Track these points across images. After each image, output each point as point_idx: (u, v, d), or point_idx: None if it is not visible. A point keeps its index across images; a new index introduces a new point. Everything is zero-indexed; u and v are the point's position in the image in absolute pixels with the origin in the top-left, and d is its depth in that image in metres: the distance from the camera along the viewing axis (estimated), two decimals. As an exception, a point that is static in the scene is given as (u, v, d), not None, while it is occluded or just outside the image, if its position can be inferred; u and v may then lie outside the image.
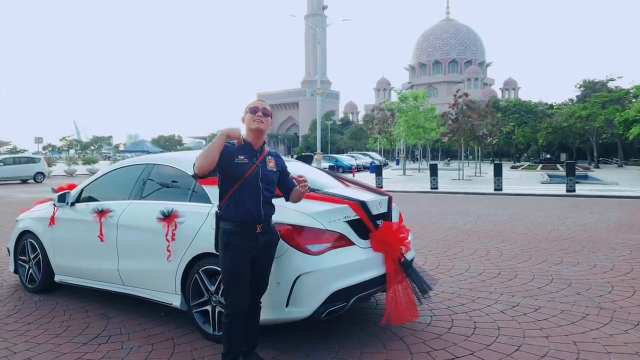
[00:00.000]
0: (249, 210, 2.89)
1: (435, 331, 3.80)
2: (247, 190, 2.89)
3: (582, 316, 4.02)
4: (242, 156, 2.90)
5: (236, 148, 2.91)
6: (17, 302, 4.82)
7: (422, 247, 7.00)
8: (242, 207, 2.88)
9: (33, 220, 5.18)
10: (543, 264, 5.84)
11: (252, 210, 2.90)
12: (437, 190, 18.13)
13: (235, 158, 2.87)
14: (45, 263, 4.98)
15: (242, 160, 2.89)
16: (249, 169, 2.90)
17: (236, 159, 2.87)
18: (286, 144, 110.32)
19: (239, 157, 2.88)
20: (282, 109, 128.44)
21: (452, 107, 27.62)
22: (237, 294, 2.92)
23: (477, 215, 10.49)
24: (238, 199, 2.89)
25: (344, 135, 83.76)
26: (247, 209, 2.88)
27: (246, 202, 2.89)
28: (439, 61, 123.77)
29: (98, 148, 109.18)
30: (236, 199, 2.89)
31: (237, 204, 2.89)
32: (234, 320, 2.95)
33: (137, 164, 4.65)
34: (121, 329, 4.02)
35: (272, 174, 3.04)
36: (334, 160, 38.69)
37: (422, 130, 32.29)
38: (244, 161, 2.89)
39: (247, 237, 2.90)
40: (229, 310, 2.96)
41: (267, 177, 3.00)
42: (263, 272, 3.08)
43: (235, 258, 2.89)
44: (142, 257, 4.12)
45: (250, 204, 2.89)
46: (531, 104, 60.34)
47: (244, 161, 2.89)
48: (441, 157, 71.17)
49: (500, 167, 17.98)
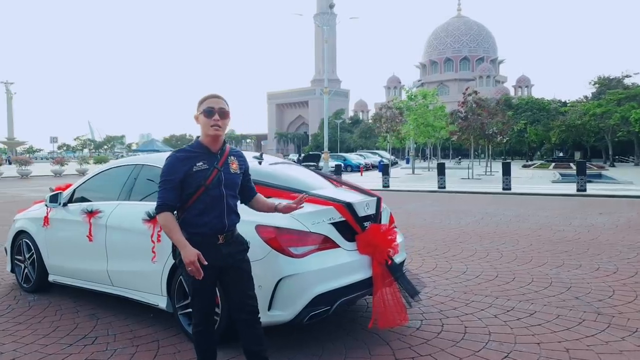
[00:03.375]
0: (211, 220, 2.60)
1: (424, 336, 3.72)
2: (208, 199, 2.59)
3: (578, 322, 3.91)
4: (201, 162, 2.60)
5: (193, 154, 2.61)
6: (12, 302, 4.84)
7: (420, 249, 6.91)
8: (204, 217, 2.59)
9: (28, 221, 5.19)
10: (543, 267, 5.72)
11: (214, 221, 2.61)
12: (444, 190, 17.95)
13: (193, 166, 2.58)
14: (40, 263, 4.99)
15: (201, 167, 2.59)
16: (210, 175, 2.59)
17: (194, 166, 2.58)
18: (296, 143, 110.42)
19: (197, 164, 2.58)
20: (292, 108, 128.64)
21: (462, 105, 27.37)
22: (201, 307, 2.70)
23: (481, 216, 10.35)
24: (199, 208, 2.59)
25: (354, 134, 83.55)
26: (209, 219, 2.60)
27: (208, 211, 2.59)
28: (450, 59, 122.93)
29: (111, 147, 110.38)
30: (197, 208, 2.59)
31: (198, 214, 2.59)
32: (201, 332, 2.74)
33: (126, 164, 4.63)
34: (109, 330, 4.00)
35: (236, 177, 2.73)
36: (342, 159, 38.59)
37: (431, 128, 32.06)
38: (203, 167, 2.59)
39: (208, 249, 2.56)
40: (195, 321, 2.76)
41: (231, 181, 2.69)
42: (237, 287, 2.71)
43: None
44: (130, 258, 4.10)
45: (212, 213, 2.60)
46: (544, 102, 59.64)
47: (203, 167, 2.59)
48: (452, 155, 70.68)
49: (508, 166, 17.74)
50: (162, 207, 2.56)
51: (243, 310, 2.72)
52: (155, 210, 2.57)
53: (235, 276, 2.72)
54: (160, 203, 2.57)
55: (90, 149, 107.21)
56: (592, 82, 53.60)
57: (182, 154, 2.63)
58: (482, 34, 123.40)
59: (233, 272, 2.71)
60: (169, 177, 2.58)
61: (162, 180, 2.59)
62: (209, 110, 2.60)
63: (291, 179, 4.11)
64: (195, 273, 2.49)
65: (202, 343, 2.76)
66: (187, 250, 2.48)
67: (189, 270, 2.50)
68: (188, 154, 2.62)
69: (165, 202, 2.56)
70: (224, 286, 2.76)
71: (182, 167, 2.57)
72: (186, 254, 2.47)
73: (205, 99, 2.66)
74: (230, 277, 2.72)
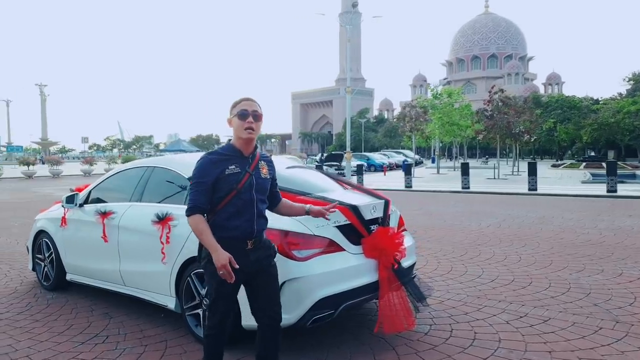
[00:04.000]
0: (241, 224, 2.58)
1: (432, 342, 3.65)
2: (239, 203, 2.57)
3: (594, 330, 3.78)
4: (233, 165, 2.57)
5: (225, 157, 2.59)
6: (32, 299, 4.97)
7: (437, 251, 6.81)
8: (234, 221, 2.57)
9: (47, 221, 5.33)
10: (562, 271, 5.55)
11: (244, 225, 2.58)
12: (468, 190, 17.68)
13: (225, 169, 2.56)
14: (58, 262, 5.11)
15: (233, 170, 2.56)
16: (242, 178, 2.57)
17: (227, 169, 2.55)
18: (320, 143, 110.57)
19: (229, 167, 2.56)
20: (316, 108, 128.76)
21: (487, 103, 26.90)
22: (220, 312, 2.65)
23: (503, 218, 10.13)
24: (229, 211, 2.57)
25: (378, 133, 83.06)
26: (239, 223, 2.57)
27: (238, 215, 2.57)
28: (477, 56, 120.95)
29: (139, 147, 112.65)
30: (227, 212, 2.57)
31: (228, 217, 2.57)
32: (214, 335, 2.69)
33: (139, 166, 4.70)
34: (120, 329, 4.07)
35: (266, 182, 2.71)
36: (365, 158, 38.43)
37: (456, 127, 31.62)
38: (235, 170, 2.57)
39: (236, 254, 2.51)
40: (209, 324, 2.71)
41: (261, 186, 2.68)
42: (263, 292, 2.69)
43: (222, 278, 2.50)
44: (140, 259, 4.16)
45: (243, 217, 2.58)
46: (575, 99, 58.06)
47: (235, 170, 2.57)
48: (479, 155, 69.53)
49: (534, 166, 17.34)
50: (193, 210, 2.52)
51: (266, 315, 2.70)
52: (186, 212, 2.53)
53: (262, 281, 2.69)
54: (191, 205, 2.53)
55: (119, 149, 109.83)
56: (626, 78, 52.01)
57: (214, 156, 2.60)
58: (510, 30, 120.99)
59: (260, 277, 2.68)
60: (200, 179, 2.54)
61: (194, 182, 2.56)
62: (243, 113, 2.59)
63: (298, 181, 4.10)
64: (227, 277, 2.44)
65: (213, 347, 2.73)
66: (220, 254, 2.43)
67: (220, 273, 2.44)
68: (220, 157, 2.59)
69: (196, 205, 2.52)
70: (250, 290, 2.73)
71: (214, 169, 2.54)
72: (218, 258, 2.43)
73: (239, 102, 2.65)
74: (257, 282, 2.68)
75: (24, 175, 31.28)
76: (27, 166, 31.66)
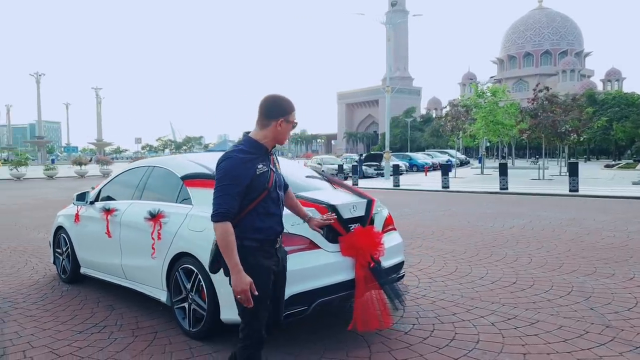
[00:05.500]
0: (273, 224, 2.46)
1: (409, 340, 3.66)
2: (269, 202, 2.44)
3: (579, 334, 3.66)
4: (261, 164, 2.40)
5: (253, 156, 2.39)
6: (48, 290, 5.33)
7: (448, 252, 6.73)
8: (267, 221, 2.43)
9: (65, 217, 5.70)
10: (570, 274, 5.36)
11: (276, 225, 2.48)
12: (506, 191, 17.16)
13: (256, 168, 2.37)
14: (73, 256, 5.46)
15: (262, 169, 2.39)
16: (270, 177, 2.43)
17: (257, 169, 2.37)
18: (365, 143, 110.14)
19: (258, 167, 2.38)
20: (362, 107, 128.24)
21: (532, 101, 25.96)
22: (256, 322, 2.42)
23: (530, 219, 9.81)
24: (261, 212, 2.41)
25: (425, 132, 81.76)
26: (272, 223, 2.45)
27: (270, 215, 2.45)
28: (530, 53, 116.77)
29: (190, 147, 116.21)
30: (259, 212, 2.40)
31: (261, 218, 2.41)
32: (249, 347, 2.44)
33: (142, 166, 4.95)
34: (118, 320, 4.31)
35: (281, 177, 2.60)
36: (408, 158, 38.01)
37: (500, 126, 30.66)
38: (264, 169, 2.40)
39: (269, 254, 2.46)
40: (244, 335, 2.44)
41: (281, 182, 2.57)
42: (279, 291, 2.64)
43: (265, 280, 2.40)
44: (138, 254, 4.39)
45: (274, 217, 2.47)
46: (633, 96, 54.92)
47: (264, 169, 2.40)
48: (530, 154, 67.07)
49: (575, 166, 16.59)
50: (224, 216, 2.27)
51: (280, 312, 2.65)
52: (215, 217, 2.27)
53: (278, 280, 2.59)
54: (221, 211, 2.27)
55: (171, 149, 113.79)
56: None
57: (244, 155, 2.36)
58: (565, 25, 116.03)
59: (277, 276, 2.56)
60: (234, 181, 2.29)
61: (225, 184, 2.29)
62: (294, 124, 2.48)
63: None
64: (245, 302, 2.26)
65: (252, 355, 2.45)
66: (242, 278, 2.24)
67: (237, 298, 2.28)
68: (250, 156, 2.38)
69: (228, 211, 2.27)
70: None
71: (247, 170, 2.33)
72: (238, 282, 2.24)
73: (292, 109, 2.46)
74: (277, 283, 2.59)
75: (76, 174, 33.10)
76: (79, 166, 33.44)
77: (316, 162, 30.41)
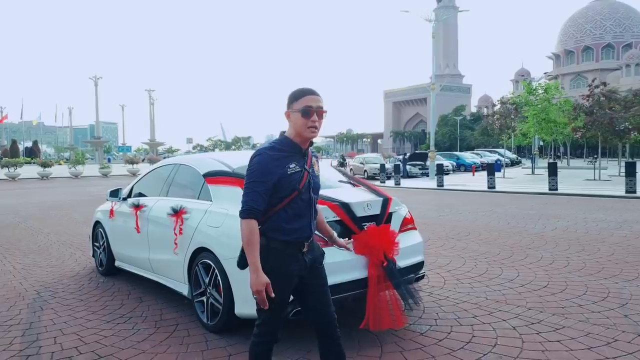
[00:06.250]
0: (301, 227, 2.36)
1: (424, 341, 3.58)
2: (298, 204, 2.34)
3: (607, 342, 3.45)
4: (293, 163, 2.31)
5: (285, 154, 2.32)
6: (86, 282, 5.61)
7: (482, 253, 6.53)
8: (294, 224, 2.34)
9: (101, 213, 5.98)
10: (609, 279, 5.07)
11: (304, 228, 2.37)
12: (555, 192, 16.44)
13: (287, 167, 2.29)
14: (109, 250, 5.71)
15: (294, 169, 2.30)
16: (302, 178, 2.33)
17: (288, 168, 2.29)
18: (412, 142, 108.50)
19: (290, 166, 2.30)
20: (410, 106, 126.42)
21: (587, 98, 24.69)
22: (272, 322, 2.41)
23: (576, 221, 9.35)
24: (289, 213, 2.33)
25: (475, 131, 79.57)
26: (299, 226, 2.35)
27: (298, 217, 2.35)
28: (589, 47, 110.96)
29: (238, 147, 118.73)
30: (286, 214, 2.32)
31: (288, 220, 2.33)
32: (261, 344, 2.44)
33: (169, 163, 5.11)
34: (144, 312, 4.48)
35: (318, 179, 2.46)
36: (455, 157, 37.16)
37: (553, 124, 29.39)
38: (296, 169, 2.31)
39: (294, 258, 2.36)
40: (259, 331, 2.43)
41: (316, 184, 2.43)
42: (320, 298, 2.49)
43: (282, 285, 2.32)
44: (163, 248, 4.54)
45: (302, 220, 2.37)
46: None
47: (296, 169, 2.31)
48: (587, 154, 63.85)
49: (633, 166, 15.65)
50: (250, 213, 2.23)
51: (324, 321, 2.48)
52: (240, 214, 2.24)
53: (314, 285, 2.48)
54: (248, 207, 2.23)
55: (220, 149, 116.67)
56: None
57: (274, 152, 2.30)
58: (630, 16, 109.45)
59: (311, 280, 2.46)
60: (262, 178, 2.25)
61: (252, 181, 2.26)
62: (307, 110, 2.27)
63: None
64: (260, 302, 2.22)
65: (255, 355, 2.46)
66: (259, 278, 2.19)
67: (254, 297, 2.24)
68: (280, 153, 2.31)
69: (254, 207, 2.23)
70: (302, 297, 2.51)
71: (276, 168, 2.27)
72: (255, 282, 2.19)
73: (302, 95, 2.31)
74: (309, 287, 2.47)
75: (129, 173, 34.61)
76: (131, 165, 34.94)
77: (358, 162, 30.29)
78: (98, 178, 33.31)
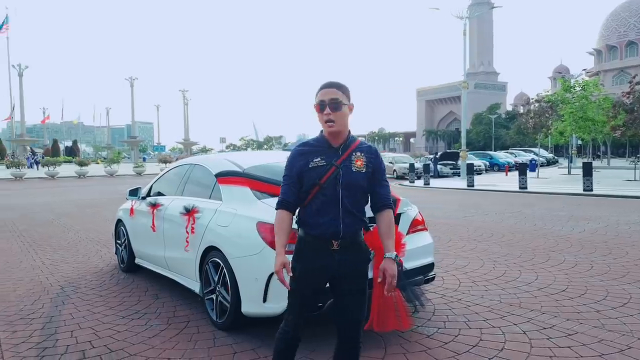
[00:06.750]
0: (325, 222, 2.32)
1: (429, 344, 3.54)
2: (322, 199, 2.32)
3: (620, 349, 3.33)
4: (318, 157, 2.34)
5: (313, 149, 2.38)
6: (107, 278, 5.79)
7: (502, 255, 6.39)
8: (318, 218, 2.34)
9: (123, 211, 6.16)
10: (633, 284, 4.87)
11: (328, 224, 2.32)
12: (589, 193, 15.89)
13: (309, 162, 2.34)
14: (129, 247, 5.88)
15: (317, 163, 2.33)
16: (325, 172, 2.32)
17: (311, 162, 2.34)
18: (446, 140, 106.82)
19: (314, 160, 2.34)
20: (443, 104, 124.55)
21: (626, 95, 23.76)
22: (291, 312, 2.46)
23: (607, 223, 9.01)
24: (313, 208, 2.35)
25: (510, 129, 77.66)
26: (323, 221, 2.33)
27: (322, 212, 2.33)
28: (633, 42, 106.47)
29: (270, 147, 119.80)
30: (312, 208, 2.36)
31: (313, 214, 2.36)
32: (283, 338, 2.48)
33: (185, 163, 5.22)
34: (158, 308, 4.59)
35: (358, 176, 2.35)
36: (488, 157, 36.47)
37: (591, 123, 28.41)
38: (320, 163, 2.33)
39: (320, 253, 2.35)
40: (283, 322, 2.50)
41: (352, 180, 2.33)
42: (347, 302, 2.43)
43: (301, 272, 2.35)
44: (176, 246, 4.64)
45: (327, 215, 2.32)
46: None
47: (320, 163, 2.33)
48: (629, 153, 61.38)
49: (673, 165, 14.97)
50: (279, 204, 2.40)
51: (346, 327, 2.47)
52: (276, 205, 2.41)
53: (345, 289, 2.42)
54: (279, 199, 2.40)
55: (252, 148, 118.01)
56: None
57: (302, 147, 2.44)
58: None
59: (346, 284, 2.41)
60: (287, 172, 2.42)
61: (284, 175, 2.43)
62: (320, 104, 2.32)
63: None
64: (281, 282, 2.30)
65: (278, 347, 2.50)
66: (277, 259, 2.28)
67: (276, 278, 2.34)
68: (308, 148, 2.40)
69: (283, 199, 2.39)
70: (334, 295, 2.48)
71: (298, 162, 2.37)
72: (275, 262, 2.28)
73: (318, 90, 2.37)
74: (341, 291, 2.43)
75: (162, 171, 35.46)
76: (164, 164, 35.78)
77: (387, 161, 30.06)
78: (132, 177, 34.24)
